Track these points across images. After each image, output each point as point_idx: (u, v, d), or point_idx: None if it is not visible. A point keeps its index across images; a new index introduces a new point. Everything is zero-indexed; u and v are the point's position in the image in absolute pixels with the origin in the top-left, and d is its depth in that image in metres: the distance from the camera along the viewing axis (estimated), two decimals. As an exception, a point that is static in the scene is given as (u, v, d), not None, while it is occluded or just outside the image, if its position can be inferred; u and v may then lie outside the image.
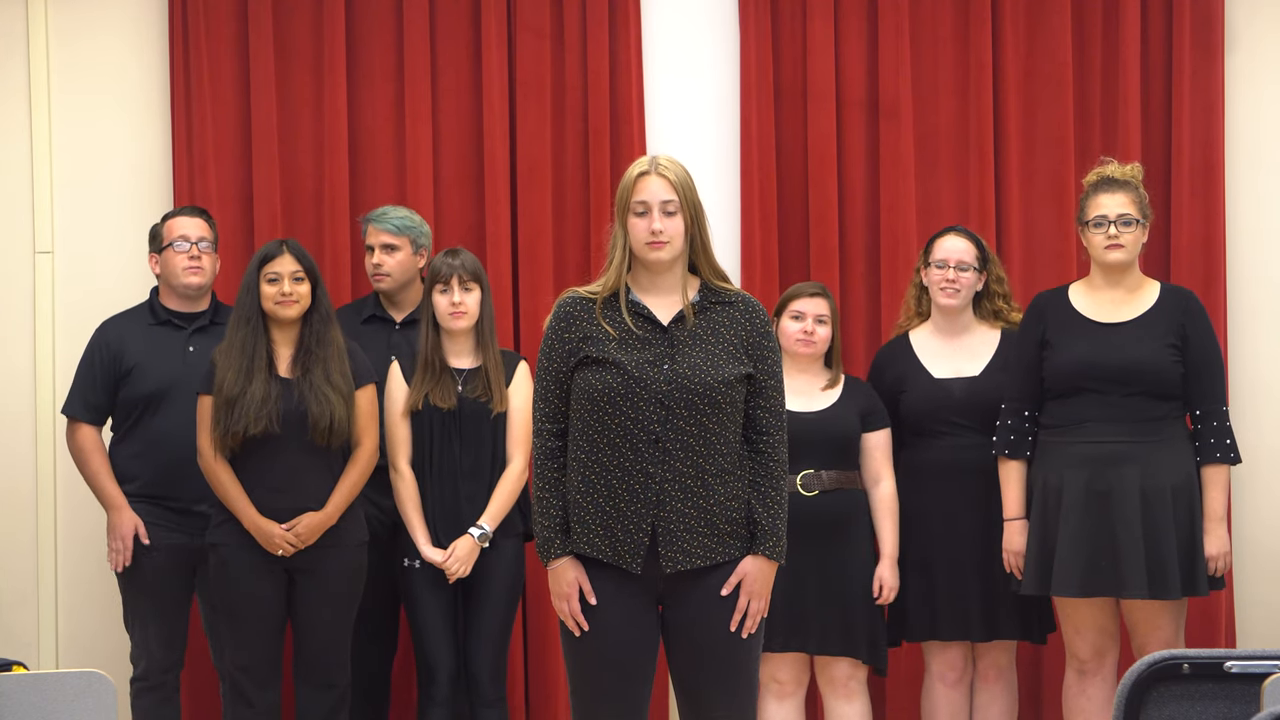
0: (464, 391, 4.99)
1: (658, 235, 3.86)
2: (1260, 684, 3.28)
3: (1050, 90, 5.73)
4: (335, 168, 5.70)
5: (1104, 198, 4.91)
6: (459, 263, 5.01)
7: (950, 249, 5.08)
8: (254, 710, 4.88)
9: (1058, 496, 4.83)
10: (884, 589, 4.96)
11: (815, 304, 5.04)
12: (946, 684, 5.09)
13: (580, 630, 3.89)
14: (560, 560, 3.90)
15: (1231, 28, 5.75)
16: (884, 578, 4.97)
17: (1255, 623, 5.65)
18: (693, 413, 3.84)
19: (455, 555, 4.93)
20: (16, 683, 3.58)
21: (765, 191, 5.73)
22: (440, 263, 5.02)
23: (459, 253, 5.06)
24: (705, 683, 3.92)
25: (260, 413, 4.80)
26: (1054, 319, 4.94)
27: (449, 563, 4.93)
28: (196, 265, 5.21)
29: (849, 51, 5.76)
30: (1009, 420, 4.94)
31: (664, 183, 3.88)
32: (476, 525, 4.95)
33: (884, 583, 4.96)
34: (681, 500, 3.84)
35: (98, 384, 5.19)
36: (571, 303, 3.95)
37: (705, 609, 3.88)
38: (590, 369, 3.88)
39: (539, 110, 5.74)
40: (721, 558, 3.87)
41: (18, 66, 5.77)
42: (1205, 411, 4.86)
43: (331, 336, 4.92)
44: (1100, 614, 4.92)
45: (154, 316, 5.26)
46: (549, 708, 5.67)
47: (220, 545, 4.89)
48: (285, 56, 5.75)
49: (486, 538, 4.95)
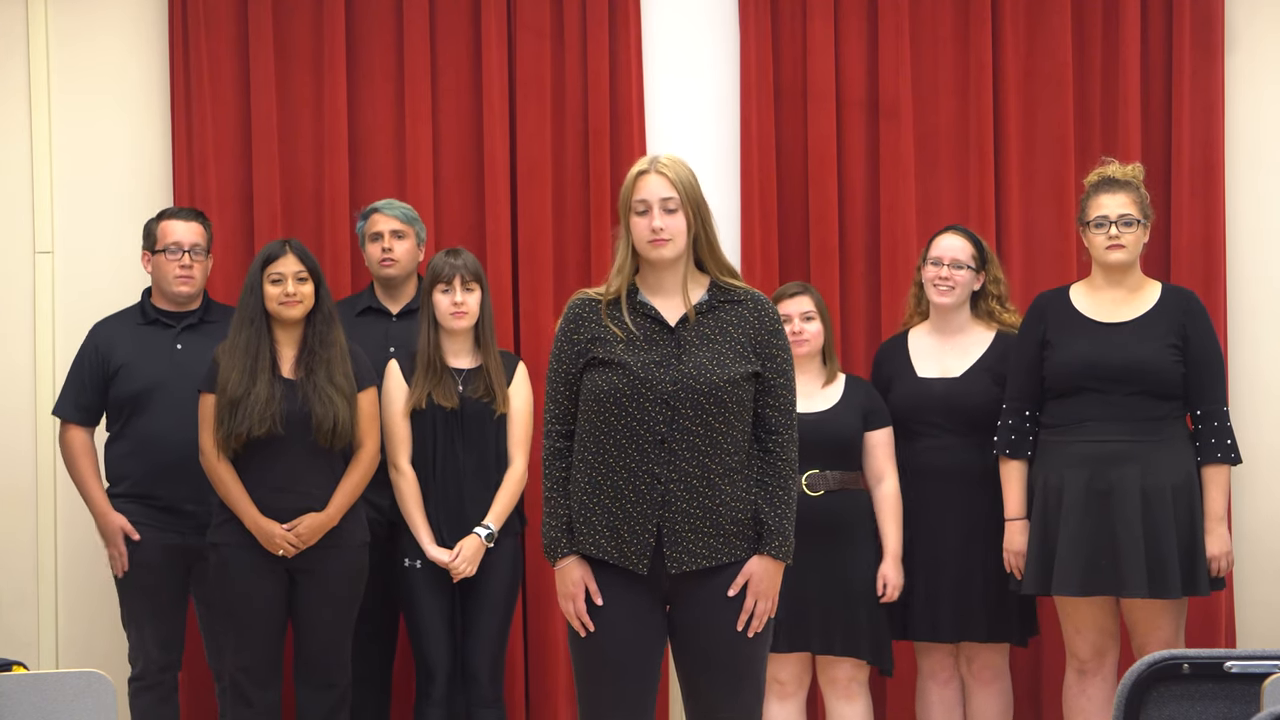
0: (465, 391, 5.00)
1: (658, 233, 3.87)
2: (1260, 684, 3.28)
3: (1050, 90, 5.73)
4: (335, 168, 5.70)
5: (1105, 198, 4.91)
6: (460, 262, 5.00)
7: (946, 247, 5.08)
8: (254, 710, 4.88)
9: (1058, 496, 4.83)
10: (888, 587, 4.96)
11: (798, 303, 5.05)
12: (938, 683, 5.11)
13: (586, 631, 3.89)
14: (566, 560, 3.91)
15: (1231, 28, 5.75)
16: (888, 576, 4.97)
17: (1255, 623, 5.65)
18: (698, 412, 3.84)
19: (463, 555, 4.93)
20: (16, 683, 3.58)
21: (765, 191, 5.72)
22: (442, 262, 5.02)
23: (460, 253, 5.06)
24: (711, 684, 3.91)
25: (264, 414, 4.80)
26: (1055, 319, 4.94)
27: (456, 563, 4.92)
28: (187, 275, 5.21)
29: (849, 51, 5.76)
30: (1010, 420, 4.94)
31: (663, 180, 3.89)
32: (483, 525, 4.95)
33: (888, 581, 4.96)
34: (687, 501, 3.84)
35: (86, 385, 5.20)
36: (580, 304, 3.97)
37: (712, 610, 3.88)
38: (597, 370, 3.88)
39: (539, 110, 5.74)
40: (727, 558, 3.87)
41: (18, 66, 5.77)
42: (1206, 412, 4.86)
43: (334, 337, 4.91)
44: (1100, 614, 4.92)
45: (143, 316, 5.27)
46: (549, 708, 5.67)
47: (221, 545, 4.89)
48: (285, 56, 5.75)
49: (493, 538, 4.96)
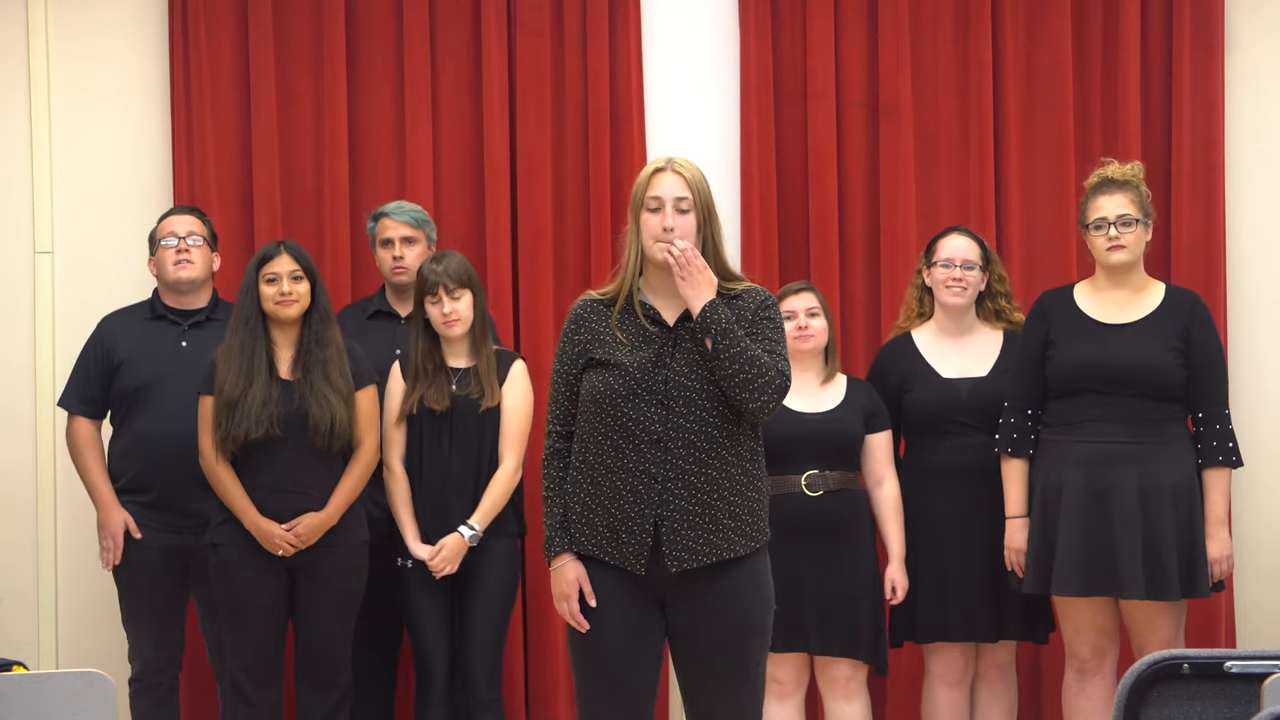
0: (457, 390, 4.99)
1: (669, 231, 3.87)
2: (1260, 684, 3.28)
3: (1050, 90, 5.74)
4: (335, 168, 5.70)
5: (1103, 199, 4.91)
6: (443, 269, 4.98)
7: (956, 248, 5.08)
8: (254, 710, 4.88)
9: (1058, 495, 4.83)
10: (896, 590, 4.96)
11: (803, 299, 5.05)
12: (947, 685, 5.09)
13: (584, 631, 3.89)
14: (562, 560, 3.91)
15: (1231, 28, 5.75)
16: (895, 578, 4.97)
17: (1255, 623, 5.65)
18: (694, 410, 3.84)
19: (443, 555, 4.92)
20: (16, 683, 3.58)
21: (765, 191, 5.72)
22: (427, 271, 5.00)
23: (444, 257, 5.03)
24: (710, 684, 3.92)
25: (261, 416, 4.80)
26: (1058, 319, 4.93)
27: (436, 561, 4.92)
28: (185, 258, 5.20)
29: (849, 51, 5.76)
30: (1012, 419, 4.94)
31: (679, 180, 3.90)
32: (466, 524, 4.95)
33: (895, 583, 4.96)
34: (685, 498, 3.84)
35: (91, 377, 5.20)
36: (584, 306, 3.98)
37: (710, 610, 3.88)
38: (595, 371, 3.89)
39: (539, 110, 5.74)
40: (726, 554, 3.87)
41: (18, 66, 5.77)
42: (1207, 414, 4.86)
43: (331, 337, 4.91)
44: (1100, 614, 4.92)
45: (151, 311, 5.27)
46: (549, 708, 5.67)
47: (221, 545, 4.89)
48: (285, 56, 5.75)
49: (476, 538, 4.95)
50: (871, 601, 4.97)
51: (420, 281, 5.01)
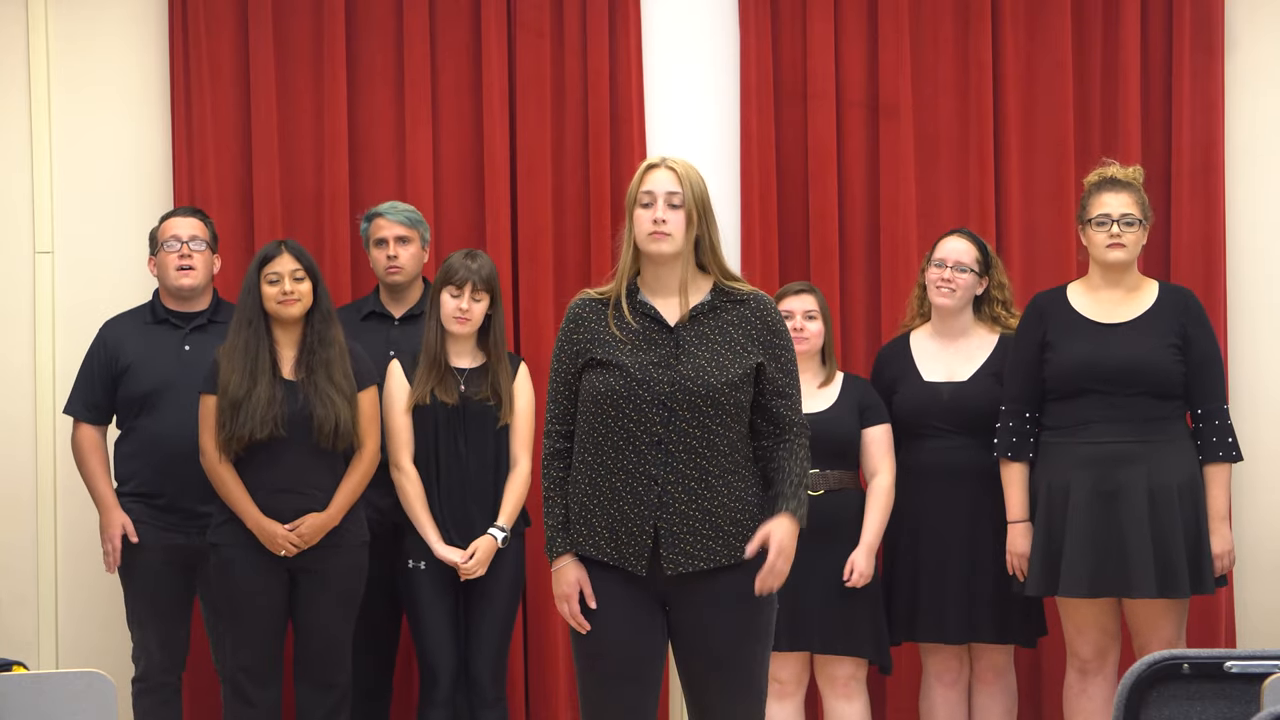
0: (466, 390, 4.99)
1: (659, 225, 3.86)
2: (1260, 684, 3.28)
3: (1050, 90, 5.74)
4: (335, 168, 5.70)
5: (1108, 196, 4.91)
6: (476, 268, 4.97)
7: (950, 249, 5.08)
8: (254, 710, 4.88)
9: (1064, 498, 4.82)
10: (854, 574, 4.92)
11: (802, 301, 5.05)
12: (944, 684, 5.10)
13: (585, 631, 3.89)
14: (563, 561, 3.91)
15: (1231, 28, 5.75)
16: (856, 563, 4.92)
17: (1255, 623, 5.65)
18: (696, 414, 3.83)
19: (477, 557, 4.91)
20: (16, 683, 3.57)
21: (765, 191, 5.73)
22: (459, 264, 4.98)
23: (478, 256, 5.03)
24: (713, 685, 3.91)
25: (265, 417, 4.80)
26: (1054, 320, 4.93)
27: (470, 564, 4.91)
28: (188, 266, 5.20)
29: (849, 51, 5.76)
30: (1010, 422, 4.93)
31: (671, 175, 3.89)
32: (497, 526, 4.94)
33: (855, 568, 4.92)
34: (685, 502, 3.83)
35: (95, 383, 5.20)
36: (581, 305, 3.96)
37: (712, 611, 3.87)
38: (595, 371, 3.88)
39: (539, 110, 5.74)
40: (725, 560, 3.86)
41: (18, 66, 5.77)
42: (1206, 410, 4.86)
43: (334, 336, 4.91)
44: (1102, 614, 4.92)
45: (152, 315, 5.27)
46: (549, 708, 5.67)
47: (222, 545, 4.89)
48: (285, 56, 5.75)
49: (507, 540, 4.96)
50: (873, 600, 4.97)
51: (448, 270, 4.99)
